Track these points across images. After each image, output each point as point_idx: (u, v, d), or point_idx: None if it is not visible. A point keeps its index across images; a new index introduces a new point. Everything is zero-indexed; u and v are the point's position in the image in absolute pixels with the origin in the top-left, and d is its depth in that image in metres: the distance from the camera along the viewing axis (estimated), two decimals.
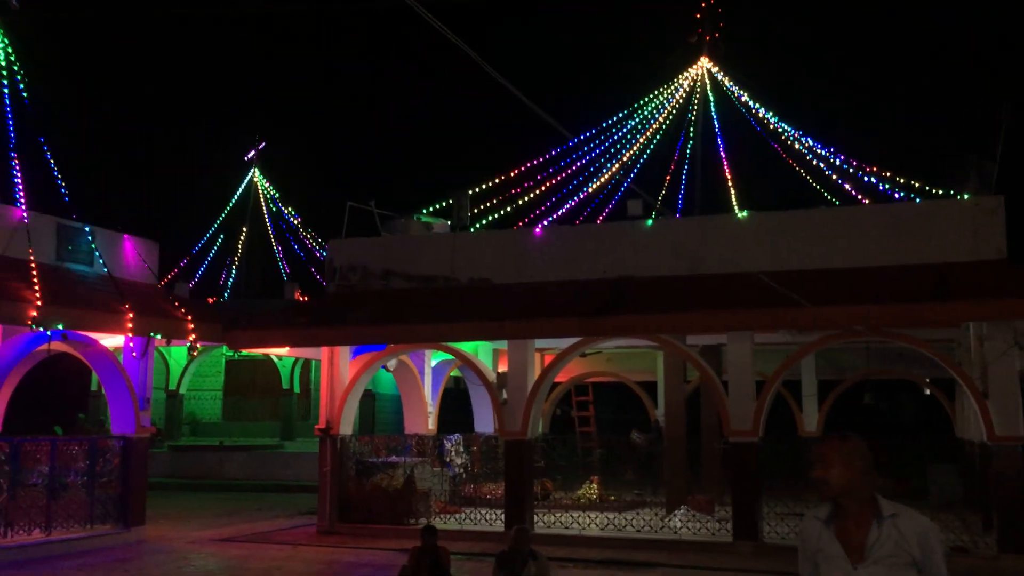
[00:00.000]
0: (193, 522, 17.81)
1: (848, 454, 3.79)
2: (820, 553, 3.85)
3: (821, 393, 23.44)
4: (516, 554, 9.40)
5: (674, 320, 14.20)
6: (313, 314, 17.26)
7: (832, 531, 3.83)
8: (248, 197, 34.94)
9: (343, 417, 16.52)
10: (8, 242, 14.27)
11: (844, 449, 3.81)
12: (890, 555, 3.71)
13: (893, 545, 3.72)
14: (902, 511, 3.80)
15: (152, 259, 17.17)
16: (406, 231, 18.09)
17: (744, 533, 13.89)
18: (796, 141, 21.03)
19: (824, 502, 3.88)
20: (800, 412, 23.41)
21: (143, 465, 15.87)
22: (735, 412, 14.20)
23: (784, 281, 13.61)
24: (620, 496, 18.19)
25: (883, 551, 3.72)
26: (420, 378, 18.99)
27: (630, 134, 22.37)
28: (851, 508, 3.81)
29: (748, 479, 14.07)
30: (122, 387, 15.49)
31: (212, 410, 31.55)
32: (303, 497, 21.14)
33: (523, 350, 15.59)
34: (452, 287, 16.22)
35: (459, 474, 18.33)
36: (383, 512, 15.99)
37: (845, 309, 13.06)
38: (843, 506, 3.83)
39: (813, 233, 14.60)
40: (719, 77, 23.01)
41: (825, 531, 3.85)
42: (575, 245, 15.98)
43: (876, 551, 3.72)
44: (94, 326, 14.52)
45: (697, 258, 15.00)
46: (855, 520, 3.80)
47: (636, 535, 14.58)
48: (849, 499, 3.81)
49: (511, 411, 15.36)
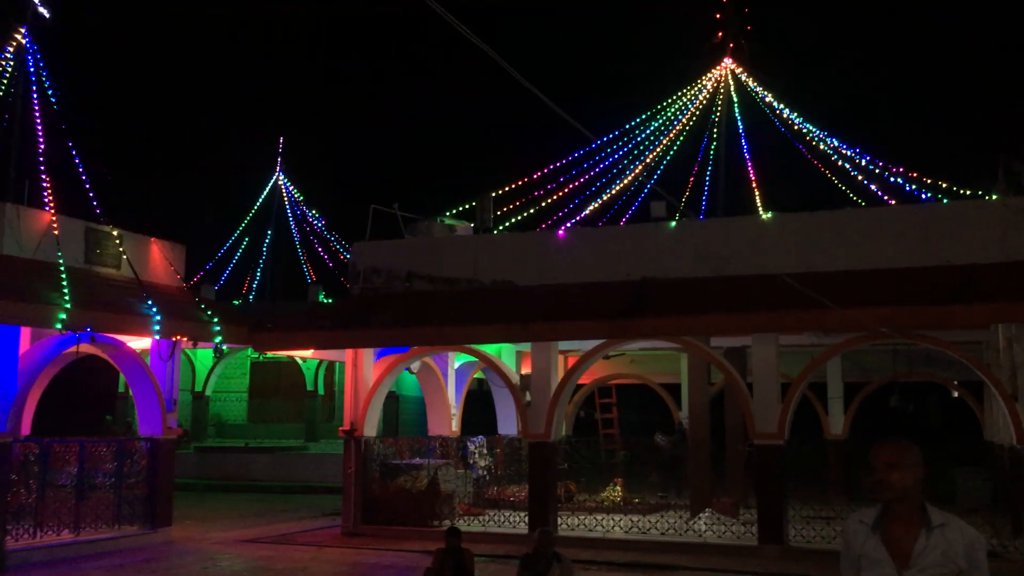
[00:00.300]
0: (219, 523, 17.95)
1: (913, 460, 3.83)
2: (865, 557, 3.86)
3: (847, 396, 23.24)
4: (540, 556, 9.40)
5: (698, 322, 14.14)
6: (337, 316, 17.35)
7: (879, 536, 3.84)
8: (273, 201, 35.21)
9: (367, 419, 16.60)
10: (38, 246, 14.46)
11: (910, 454, 3.84)
12: (937, 564, 3.73)
13: (940, 554, 3.74)
14: (950, 520, 3.81)
15: (179, 262, 17.33)
16: (429, 234, 18.13)
17: (770, 537, 13.79)
18: (821, 142, 20.89)
19: (886, 503, 3.89)
20: (826, 415, 23.22)
21: (170, 466, 16.02)
22: (760, 415, 14.12)
23: (810, 283, 13.51)
24: (644, 498, 18.13)
25: (930, 559, 3.74)
26: (444, 380, 19.03)
27: (653, 136, 22.32)
28: (902, 514, 3.82)
29: (773, 482, 13.98)
30: (149, 389, 15.64)
31: (237, 412, 31.79)
32: (327, 498, 21.24)
33: (546, 352, 15.58)
34: (475, 289, 16.25)
35: (483, 476, 18.35)
36: (407, 514, 16.04)
37: (872, 311, 12.93)
38: (894, 512, 3.84)
39: (839, 235, 14.48)
40: (743, 78, 22.91)
41: (871, 536, 3.86)
42: (598, 247, 15.96)
43: (923, 559, 3.74)
44: (122, 328, 14.67)
45: (721, 260, 14.92)
46: (903, 527, 3.82)
47: (660, 538, 14.52)
48: (903, 505, 3.82)
49: (535, 413, 15.35)
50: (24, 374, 13.92)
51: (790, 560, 13.32)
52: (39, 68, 16.94)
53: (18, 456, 13.83)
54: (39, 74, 16.89)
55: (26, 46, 16.94)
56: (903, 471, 3.80)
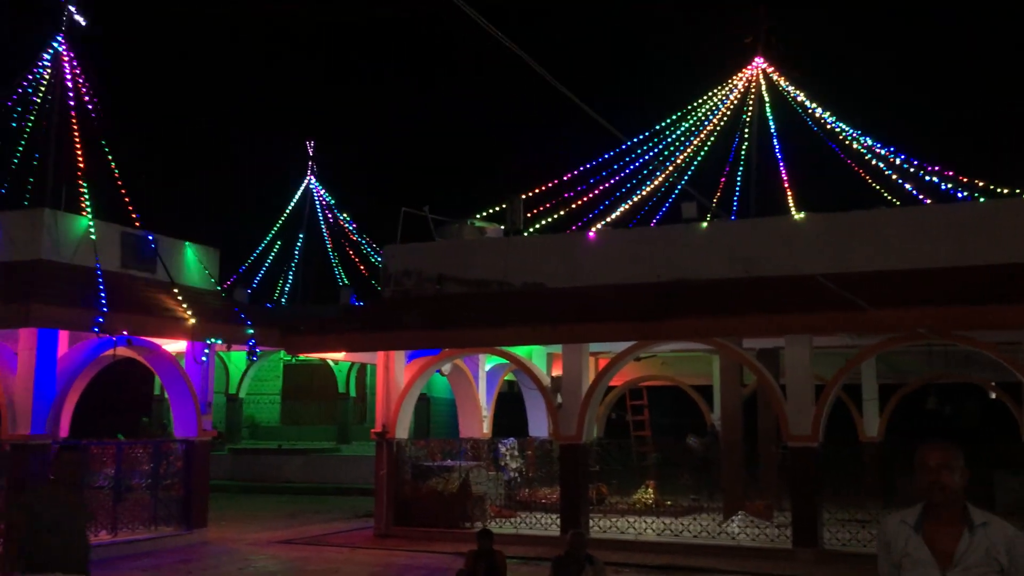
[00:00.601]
0: (253, 524, 18.11)
1: (960, 461, 3.89)
2: (907, 558, 3.88)
3: (882, 397, 22.97)
4: (572, 558, 9.39)
5: (731, 323, 14.05)
6: (369, 319, 17.45)
7: (921, 536, 3.87)
8: (305, 204, 35.49)
9: (399, 421, 16.66)
10: (75, 250, 14.69)
11: (958, 456, 3.89)
12: (980, 563, 3.76)
13: (983, 553, 3.77)
14: (992, 520, 3.85)
15: (213, 266, 17.51)
16: (460, 236, 18.19)
17: (804, 540, 13.66)
18: (854, 141, 20.68)
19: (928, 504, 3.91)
20: (860, 417, 22.96)
21: (205, 468, 16.19)
22: (794, 417, 14.00)
23: (844, 283, 13.38)
24: (676, 501, 18.04)
25: (973, 559, 3.78)
26: (475, 382, 19.07)
27: (684, 136, 22.22)
28: (945, 515, 3.86)
29: (808, 485, 13.84)
30: (184, 391, 15.83)
31: (270, 414, 32.06)
32: (359, 500, 21.35)
33: (577, 354, 15.56)
34: (506, 291, 16.26)
35: (514, 478, 18.35)
36: (439, 516, 16.08)
37: (908, 312, 12.78)
38: (937, 512, 3.87)
39: (873, 235, 14.33)
40: (774, 77, 22.73)
41: (913, 536, 3.89)
42: (629, 248, 15.91)
43: (966, 559, 3.78)
44: (157, 332, 14.87)
45: (753, 261, 14.82)
46: (946, 527, 3.85)
47: (693, 540, 14.44)
48: (948, 506, 3.85)
49: (566, 415, 15.34)
50: (62, 377, 14.14)
51: (825, 564, 13.19)
52: (75, 75, 17.22)
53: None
54: (75, 81, 17.17)
55: (62, 53, 17.23)
56: (954, 473, 3.84)
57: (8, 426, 13.56)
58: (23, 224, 14.56)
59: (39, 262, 14.13)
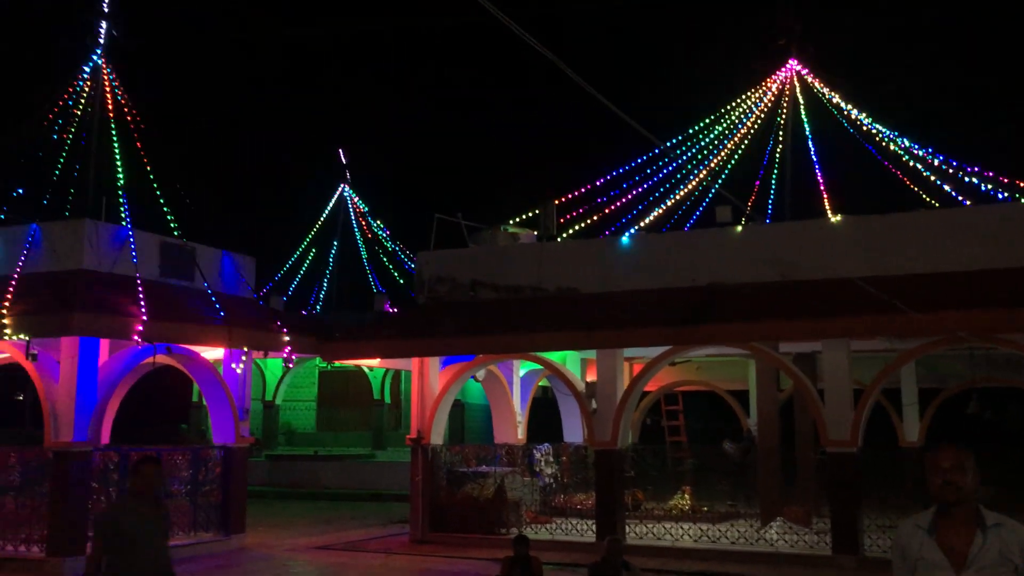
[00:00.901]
0: (290, 530, 18.25)
1: (973, 463, 3.93)
2: (921, 561, 3.91)
3: (922, 402, 22.62)
4: (609, 565, 9.35)
5: (768, 328, 13.92)
6: (403, 326, 17.52)
7: (934, 539, 3.90)
8: (339, 212, 35.77)
9: (434, 427, 16.71)
10: (115, 260, 14.92)
11: (970, 458, 3.93)
12: (994, 564, 3.79)
13: (997, 554, 3.80)
14: (1004, 521, 3.88)
15: (249, 274, 17.69)
16: (493, 242, 18.21)
17: (844, 546, 13.49)
18: (891, 142, 20.42)
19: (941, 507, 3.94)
20: (900, 422, 22.64)
21: (243, 474, 16.34)
22: (832, 422, 13.83)
23: (883, 287, 13.21)
24: (713, 507, 17.89)
25: (986, 559, 3.80)
26: (509, 388, 19.07)
27: (718, 140, 22.09)
28: (958, 517, 3.88)
29: (847, 490, 13.67)
30: (222, 398, 15.99)
31: (307, 420, 32.30)
32: (395, 506, 21.44)
33: (612, 359, 15.50)
34: (540, 297, 16.26)
35: (549, 484, 18.31)
36: (474, 522, 16.09)
37: (949, 315, 12.58)
38: (950, 514, 3.90)
39: (912, 237, 14.14)
40: (808, 79, 22.53)
41: (927, 539, 3.92)
42: (663, 253, 15.84)
43: (980, 559, 3.80)
44: (196, 339, 15.04)
45: (789, 264, 14.68)
46: (958, 529, 3.88)
47: (731, 547, 14.32)
48: (962, 508, 3.88)
49: (601, 421, 15.28)
50: (104, 385, 14.34)
51: (866, 570, 13.02)
52: (114, 89, 17.51)
53: (98, 464, 14.26)
54: (114, 93, 17.46)
55: (101, 66, 17.53)
56: (966, 473, 3.87)
57: (51, 433, 13.78)
58: (65, 235, 14.81)
59: (80, 272, 14.36)
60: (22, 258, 14.70)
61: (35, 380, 14.00)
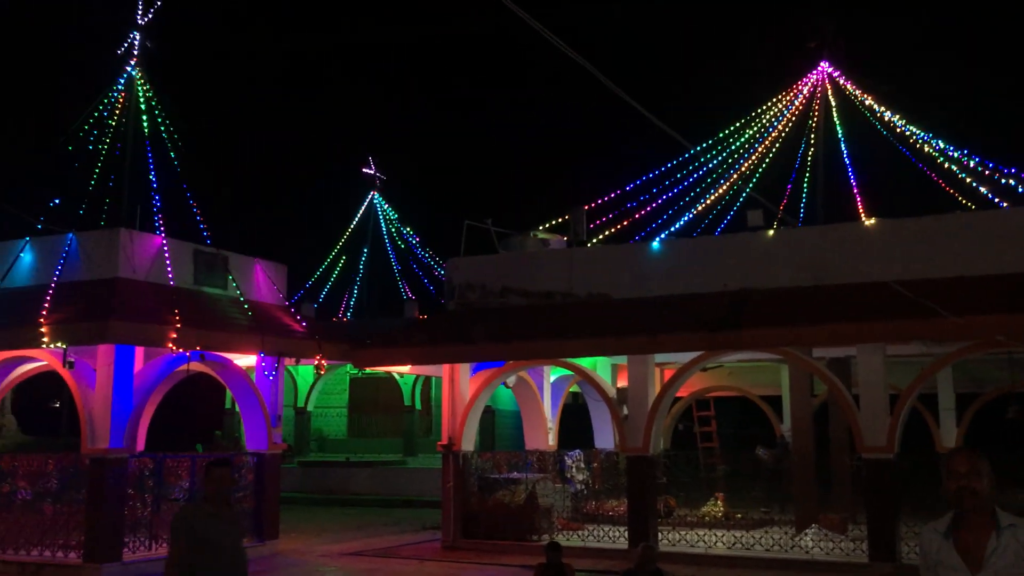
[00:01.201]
0: (323, 536, 18.33)
1: (988, 467, 3.98)
2: (940, 565, 4.02)
3: (960, 407, 22.29)
4: (642, 572, 9.28)
5: (801, 332, 13.78)
6: (433, 332, 17.55)
7: (951, 542, 3.98)
8: (368, 219, 35.97)
9: (464, 433, 16.71)
10: (150, 269, 15.09)
11: (985, 462, 4.00)
12: (1010, 565, 3.84)
13: (1012, 555, 3.85)
14: (1019, 521, 3.93)
15: (281, 281, 17.82)
16: (523, 248, 18.20)
17: (881, 554, 13.30)
18: (926, 144, 20.17)
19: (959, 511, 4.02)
20: (937, 427, 22.32)
21: (276, 480, 16.44)
22: (868, 427, 13.66)
23: (919, 290, 13.03)
24: (747, 514, 17.72)
25: (1002, 561, 3.85)
26: (539, 394, 19.03)
27: (749, 143, 21.94)
28: (974, 520, 3.96)
29: (884, 497, 13.48)
30: (255, 405, 16.11)
31: (338, 427, 32.46)
32: (426, 512, 21.45)
33: (643, 365, 15.42)
34: (570, 303, 16.21)
35: (580, 490, 18.24)
36: (506, 528, 16.06)
37: (987, 318, 12.38)
38: (967, 518, 3.98)
39: (948, 240, 13.93)
40: (840, 81, 22.32)
41: (944, 543, 4.00)
42: (694, 258, 15.75)
43: (995, 561, 3.88)
44: (229, 347, 15.17)
45: (822, 268, 14.53)
46: (975, 531, 3.95)
47: (765, 554, 14.16)
48: (978, 512, 3.96)
49: (632, 427, 15.21)
50: (139, 392, 14.50)
51: None
52: (149, 100, 17.74)
53: (134, 471, 14.42)
54: (150, 106, 17.67)
55: (135, 78, 17.76)
56: (982, 478, 3.94)
57: (87, 440, 13.95)
58: (100, 244, 15.01)
59: (116, 280, 14.54)
60: (59, 268, 14.93)
61: (72, 388, 14.19)
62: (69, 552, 13.88)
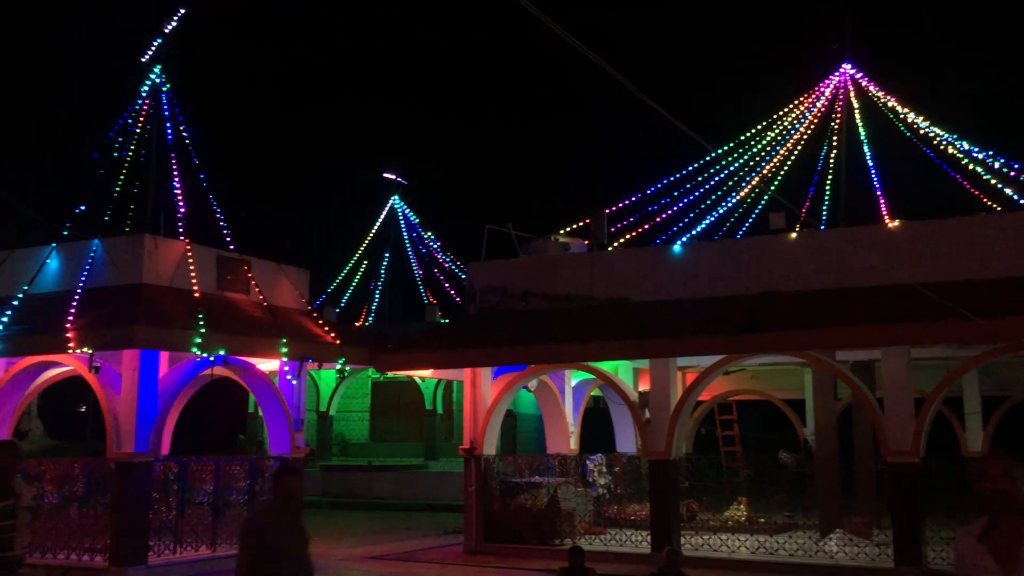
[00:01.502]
0: (346, 540, 18.38)
1: (1022, 471, 4.03)
2: (975, 568, 4.03)
3: (986, 410, 22.04)
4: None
5: (825, 335, 13.68)
6: (455, 336, 17.58)
7: (985, 546, 4.02)
8: (390, 224, 36.08)
9: (486, 437, 16.72)
10: (174, 274, 15.22)
11: (1020, 466, 4.05)
12: None
13: None
14: None
15: (303, 286, 17.91)
16: (544, 252, 18.20)
17: (907, 559, 13.18)
18: (950, 145, 19.99)
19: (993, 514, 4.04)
20: (963, 431, 22.09)
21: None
22: (892, 431, 13.54)
23: (944, 293, 12.91)
24: (770, 518, 17.62)
25: None
26: (561, 398, 19.02)
27: (770, 145, 21.83)
28: (1009, 523, 3.99)
29: (909, 502, 13.37)
30: (278, 409, 16.20)
31: (360, 431, 32.57)
32: (448, 516, 21.48)
33: (665, 368, 15.38)
34: (591, 306, 16.19)
35: (602, 494, 18.20)
36: (528, 532, 16.05)
37: (1013, 321, 12.25)
38: (1002, 522, 4.01)
39: (974, 242, 13.80)
40: (863, 83, 22.18)
41: (979, 546, 4.03)
42: (716, 261, 15.69)
43: None
44: (252, 351, 15.26)
45: (845, 271, 14.44)
46: (1009, 535, 3.98)
47: (789, 559, 14.07)
48: (1011, 515, 3.99)
49: (654, 430, 15.16)
50: (163, 396, 14.63)
51: None
52: (172, 106, 17.89)
53: (158, 475, 14.54)
54: (173, 112, 17.83)
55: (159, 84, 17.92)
56: (1016, 481, 3.98)
57: (113, 444, 14.08)
58: (125, 249, 15.15)
59: (140, 286, 14.67)
60: (84, 273, 15.09)
61: (97, 392, 14.33)
62: (95, 555, 14.00)
